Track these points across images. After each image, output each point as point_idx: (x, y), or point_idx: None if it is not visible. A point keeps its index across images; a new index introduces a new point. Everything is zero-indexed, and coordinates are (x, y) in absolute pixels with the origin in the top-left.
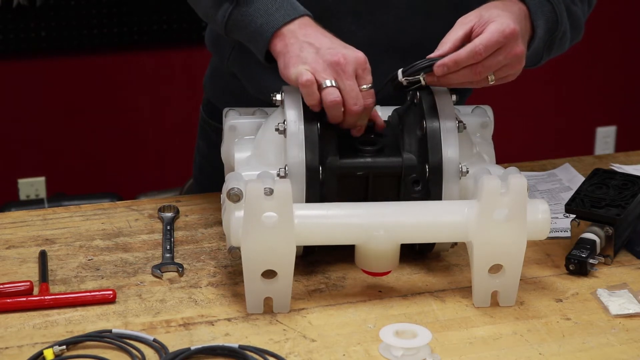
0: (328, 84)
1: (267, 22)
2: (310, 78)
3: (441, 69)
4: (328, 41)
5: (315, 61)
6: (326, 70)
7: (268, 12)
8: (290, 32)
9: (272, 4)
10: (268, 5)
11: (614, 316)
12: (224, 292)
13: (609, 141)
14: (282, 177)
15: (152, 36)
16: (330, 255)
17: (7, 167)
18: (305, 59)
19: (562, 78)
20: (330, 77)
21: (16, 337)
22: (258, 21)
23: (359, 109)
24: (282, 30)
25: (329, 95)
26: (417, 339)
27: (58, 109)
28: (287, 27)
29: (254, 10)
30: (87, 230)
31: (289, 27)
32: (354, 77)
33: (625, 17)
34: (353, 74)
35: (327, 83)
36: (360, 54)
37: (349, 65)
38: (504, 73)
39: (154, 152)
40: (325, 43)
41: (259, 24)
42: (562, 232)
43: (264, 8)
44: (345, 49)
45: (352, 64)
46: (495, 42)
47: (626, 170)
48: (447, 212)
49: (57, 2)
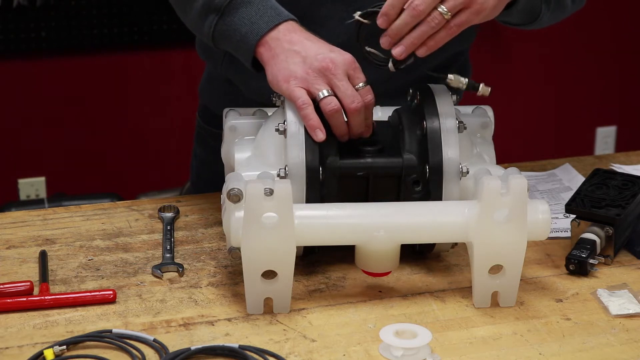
0: (325, 94)
1: (251, 30)
2: (305, 100)
3: (382, 19)
4: (314, 46)
5: (305, 72)
6: (317, 80)
7: (251, 20)
8: (274, 39)
9: (255, 12)
10: (251, 14)
11: (614, 316)
12: (224, 292)
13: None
14: (282, 177)
15: (152, 36)
16: (330, 255)
17: (7, 167)
18: (294, 72)
19: (562, 78)
20: (323, 85)
21: (16, 337)
22: (242, 30)
23: (359, 106)
24: (266, 38)
25: (327, 105)
26: (417, 339)
27: (58, 109)
28: (270, 35)
29: (238, 19)
30: (87, 230)
31: (273, 35)
32: (346, 78)
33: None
34: (344, 75)
35: (324, 93)
36: (348, 55)
37: (339, 69)
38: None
39: (154, 152)
40: (311, 49)
41: (243, 33)
42: (562, 232)
43: (248, 17)
44: (332, 53)
45: (342, 67)
46: None
47: (626, 170)
48: (447, 212)
49: (57, 2)
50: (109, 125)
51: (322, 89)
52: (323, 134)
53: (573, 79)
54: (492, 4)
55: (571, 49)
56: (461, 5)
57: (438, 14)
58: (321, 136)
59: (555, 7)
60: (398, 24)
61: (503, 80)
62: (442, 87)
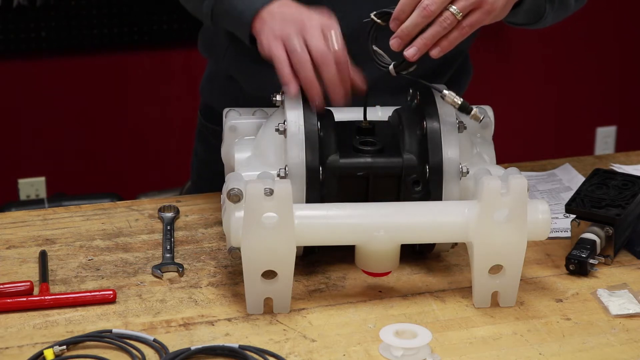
0: (297, 48)
1: (247, 7)
2: (280, 56)
3: (394, 23)
4: (299, 10)
5: (281, 29)
6: (292, 36)
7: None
8: (268, 12)
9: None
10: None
11: (614, 316)
12: (224, 292)
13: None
14: (282, 177)
15: (152, 36)
16: (330, 255)
17: (7, 167)
18: (274, 30)
19: (562, 78)
20: (297, 41)
21: (16, 337)
22: (239, 7)
23: (326, 59)
24: (261, 12)
25: (294, 58)
26: (417, 339)
27: (58, 109)
28: (266, 9)
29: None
30: (87, 230)
31: (268, 9)
32: (319, 34)
33: (625, 17)
34: (318, 31)
35: (295, 48)
36: (327, 15)
37: (313, 25)
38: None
39: (154, 152)
40: (295, 12)
41: (239, 10)
42: (562, 232)
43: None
44: (310, 12)
45: (317, 23)
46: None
47: (626, 170)
48: (447, 212)
49: (57, 2)
50: (109, 125)
51: (295, 45)
52: (295, 89)
53: (573, 79)
54: (502, 3)
55: (571, 49)
56: (472, 6)
57: (450, 14)
58: (292, 90)
59: (558, 7)
60: (408, 25)
61: (503, 80)
62: (442, 87)
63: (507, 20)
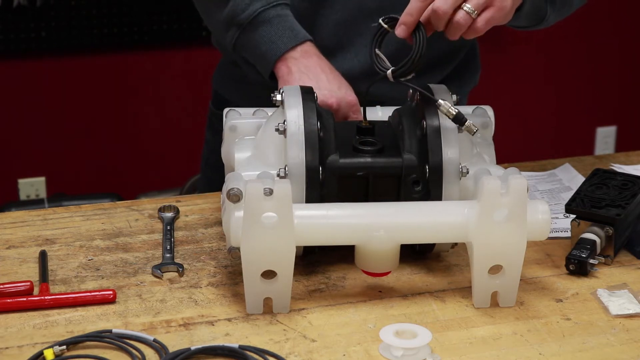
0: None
1: (270, 49)
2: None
3: (401, 29)
4: (325, 80)
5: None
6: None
7: (271, 39)
8: (292, 58)
9: (274, 32)
10: (271, 33)
11: (614, 316)
12: (224, 292)
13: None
14: (282, 177)
15: (152, 36)
16: (330, 255)
17: (7, 167)
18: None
19: (562, 78)
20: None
21: (16, 337)
22: (262, 47)
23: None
24: (285, 56)
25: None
26: (417, 339)
27: (58, 109)
28: (288, 54)
29: (258, 37)
30: (87, 230)
31: (291, 54)
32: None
33: (625, 17)
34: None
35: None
36: (353, 97)
37: (341, 109)
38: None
39: (154, 152)
40: (322, 83)
41: (263, 50)
42: (562, 232)
43: (267, 36)
44: (339, 91)
45: (344, 108)
46: None
47: (626, 170)
48: (447, 212)
49: (57, 2)
50: (109, 125)
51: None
52: None
53: (573, 78)
54: (510, 3)
55: (571, 49)
56: (484, 5)
57: (464, 13)
58: None
59: (560, 6)
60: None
61: (503, 80)
62: (442, 87)
63: (511, 24)
